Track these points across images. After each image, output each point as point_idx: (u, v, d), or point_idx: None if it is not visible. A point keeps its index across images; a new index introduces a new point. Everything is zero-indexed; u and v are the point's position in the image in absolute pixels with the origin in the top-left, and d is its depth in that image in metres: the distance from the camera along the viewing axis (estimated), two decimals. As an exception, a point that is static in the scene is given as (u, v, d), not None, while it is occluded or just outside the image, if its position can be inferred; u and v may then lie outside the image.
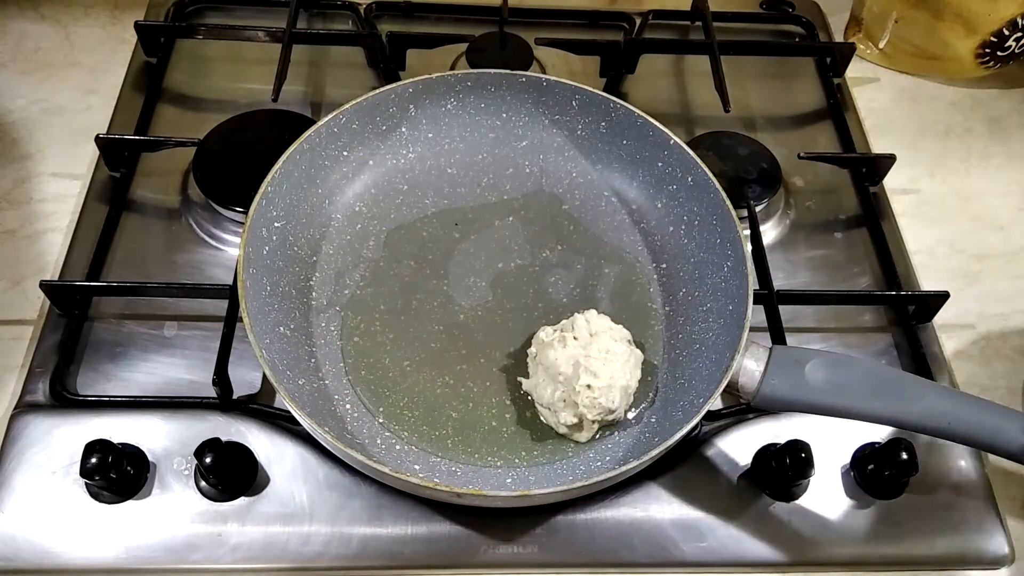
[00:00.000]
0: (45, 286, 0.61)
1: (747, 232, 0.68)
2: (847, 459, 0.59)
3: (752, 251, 0.66)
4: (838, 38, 0.90)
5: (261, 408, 0.58)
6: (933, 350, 0.66)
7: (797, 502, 0.57)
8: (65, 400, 0.58)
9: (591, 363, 0.54)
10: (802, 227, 0.73)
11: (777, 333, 0.63)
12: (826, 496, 0.58)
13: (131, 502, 0.54)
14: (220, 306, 0.61)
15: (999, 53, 0.81)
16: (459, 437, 0.57)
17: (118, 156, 0.71)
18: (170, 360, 0.61)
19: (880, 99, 0.86)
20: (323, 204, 0.65)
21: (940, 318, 0.67)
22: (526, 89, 0.68)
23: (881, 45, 0.87)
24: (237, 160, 0.69)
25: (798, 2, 0.90)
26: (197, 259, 0.67)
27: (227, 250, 0.67)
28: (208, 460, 0.52)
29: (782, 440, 0.57)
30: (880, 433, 0.57)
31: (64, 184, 0.71)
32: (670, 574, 0.56)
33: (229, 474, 0.53)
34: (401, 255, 0.65)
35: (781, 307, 0.64)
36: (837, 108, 0.82)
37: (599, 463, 0.56)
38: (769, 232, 0.72)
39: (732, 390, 0.53)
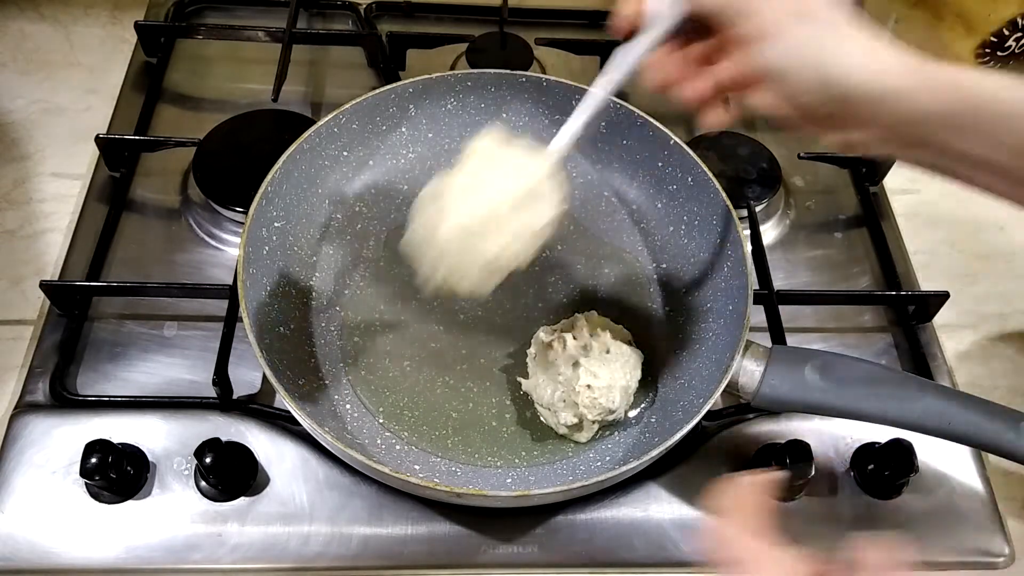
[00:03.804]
0: (45, 286, 0.61)
1: (747, 232, 0.68)
2: (847, 459, 0.59)
3: (752, 251, 0.66)
4: (838, 38, 0.90)
5: (261, 408, 0.58)
6: (933, 350, 0.66)
7: (797, 502, 0.57)
8: (65, 400, 0.58)
9: (591, 363, 0.54)
10: (802, 227, 0.73)
11: (777, 333, 0.63)
12: (826, 496, 0.57)
13: (131, 502, 0.54)
14: (220, 306, 0.61)
15: (999, 53, 0.81)
16: (459, 437, 0.57)
17: (118, 156, 0.71)
18: (170, 360, 0.61)
19: (880, 99, 0.85)
20: (323, 204, 0.65)
21: (940, 318, 0.67)
22: (526, 89, 0.68)
23: (881, 45, 0.87)
24: (237, 160, 0.69)
25: (798, 2, 0.90)
26: (197, 259, 0.67)
27: (227, 250, 0.67)
28: (208, 460, 0.52)
29: (782, 440, 0.57)
30: (880, 433, 0.58)
31: (64, 184, 0.71)
32: (670, 574, 0.55)
33: (229, 474, 0.53)
34: (401, 255, 0.65)
35: (781, 307, 0.64)
36: (837, 108, 0.82)
37: (599, 463, 0.56)
38: (769, 232, 0.72)
39: (732, 390, 0.53)
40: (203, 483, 0.54)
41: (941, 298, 0.66)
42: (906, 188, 0.78)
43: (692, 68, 0.45)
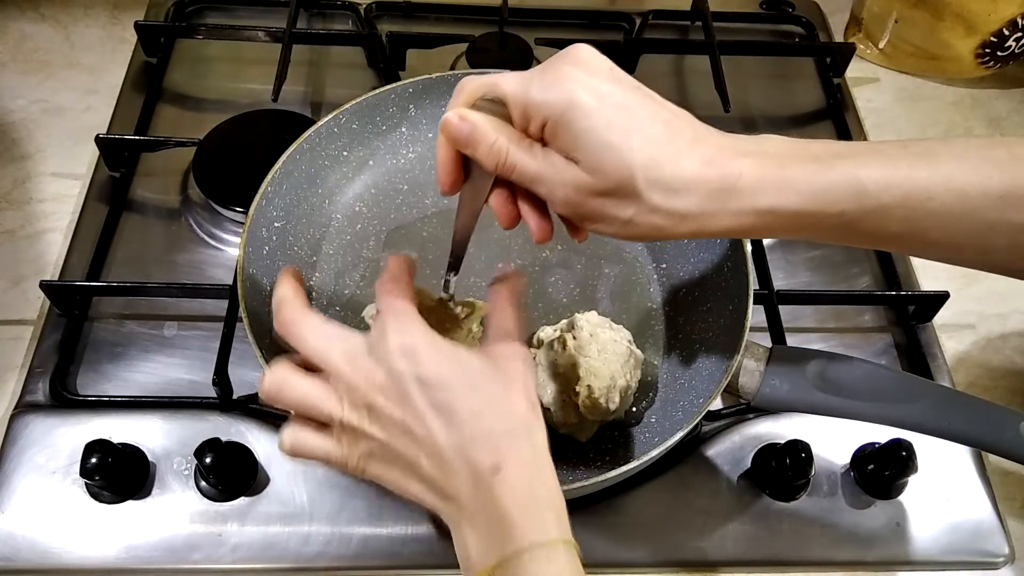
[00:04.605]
0: (45, 286, 0.61)
1: (747, 232, 0.68)
2: (847, 459, 0.59)
3: (752, 251, 0.66)
4: (838, 38, 0.90)
5: (261, 408, 0.58)
6: (933, 350, 0.66)
7: (797, 502, 0.57)
8: (65, 400, 0.58)
9: (591, 363, 0.54)
10: (802, 227, 0.73)
11: (777, 333, 0.63)
12: (826, 496, 0.58)
13: (131, 502, 0.54)
14: (220, 306, 0.61)
15: (999, 53, 0.81)
16: (459, 437, 0.57)
17: (118, 156, 0.71)
18: (170, 360, 0.61)
19: (880, 99, 0.86)
20: (323, 204, 0.65)
21: (940, 318, 0.67)
22: (526, 89, 0.67)
23: (881, 45, 0.87)
24: (237, 160, 0.69)
25: (798, 2, 0.90)
26: (197, 259, 0.67)
27: (227, 250, 0.67)
28: (208, 460, 0.52)
29: (782, 440, 0.57)
30: (880, 433, 0.58)
31: (64, 184, 0.71)
32: (670, 574, 0.56)
33: (229, 474, 0.53)
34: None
35: (781, 307, 0.64)
36: (837, 108, 0.82)
37: (599, 463, 0.56)
38: (775, 236, 0.72)
39: (732, 390, 0.53)
40: (203, 483, 0.54)
41: (941, 298, 0.66)
42: (906, 188, 0.78)
43: (532, 204, 0.43)
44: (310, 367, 0.40)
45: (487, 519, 0.37)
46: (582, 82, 0.37)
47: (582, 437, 0.56)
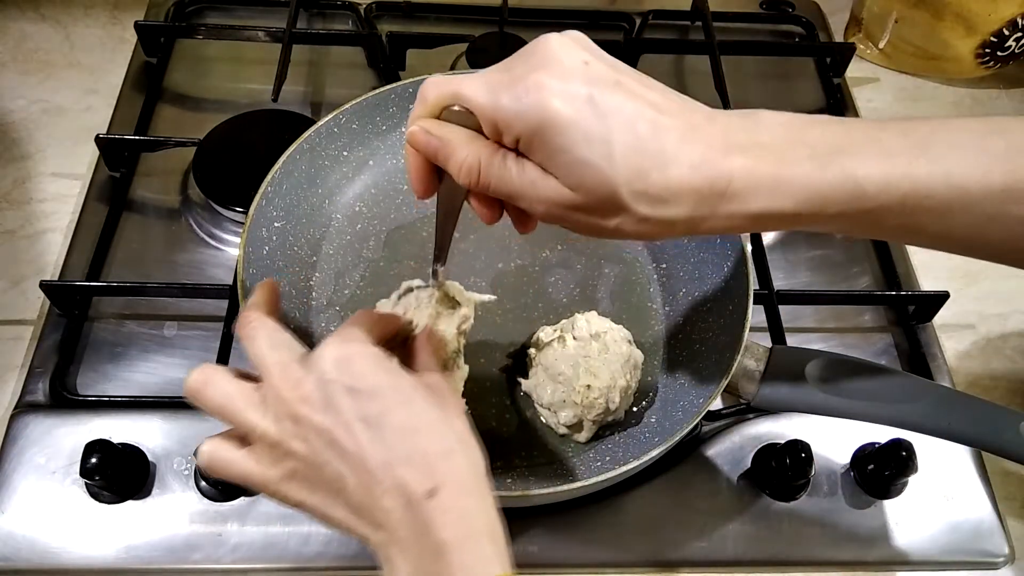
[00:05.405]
0: (45, 286, 0.61)
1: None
2: (847, 459, 0.59)
3: (752, 251, 0.66)
4: (838, 38, 0.90)
5: (261, 408, 0.58)
6: (933, 350, 0.66)
7: (797, 502, 0.57)
8: (65, 400, 0.58)
9: (591, 363, 0.54)
10: (802, 227, 0.73)
11: (777, 333, 0.63)
12: (826, 496, 0.58)
13: (131, 502, 0.54)
14: (220, 306, 0.61)
15: (999, 53, 0.81)
16: (459, 437, 0.57)
17: (118, 156, 0.71)
18: (170, 360, 0.61)
19: (880, 99, 0.86)
20: (323, 204, 0.65)
21: (940, 318, 0.67)
22: (526, 89, 0.67)
23: (881, 45, 0.87)
24: (237, 160, 0.69)
25: (798, 2, 0.90)
26: (197, 259, 0.67)
27: (227, 250, 0.67)
28: (208, 460, 0.52)
29: (782, 440, 0.57)
30: (880, 433, 0.58)
31: (64, 184, 0.71)
32: (670, 574, 0.56)
33: (229, 474, 0.53)
34: (401, 255, 0.65)
35: (781, 307, 0.64)
36: (837, 108, 0.82)
37: (599, 463, 0.56)
38: (769, 232, 0.72)
39: (732, 390, 0.53)
40: (203, 483, 0.54)
41: (941, 298, 0.66)
42: (906, 188, 0.78)
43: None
44: (254, 380, 0.38)
45: (420, 551, 0.34)
46: (555, 91, 0.34)
47: (582, 437, 0.56)
